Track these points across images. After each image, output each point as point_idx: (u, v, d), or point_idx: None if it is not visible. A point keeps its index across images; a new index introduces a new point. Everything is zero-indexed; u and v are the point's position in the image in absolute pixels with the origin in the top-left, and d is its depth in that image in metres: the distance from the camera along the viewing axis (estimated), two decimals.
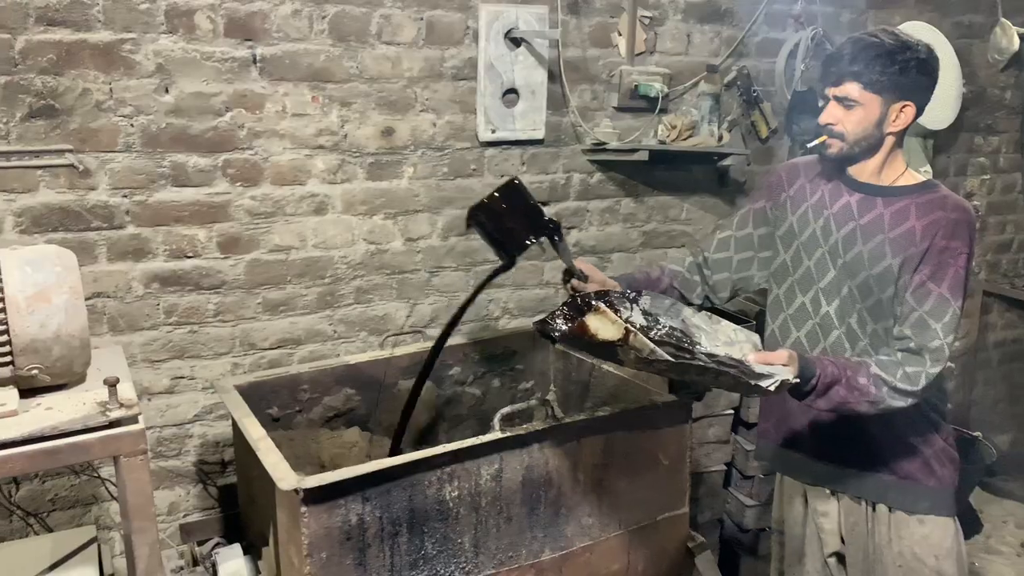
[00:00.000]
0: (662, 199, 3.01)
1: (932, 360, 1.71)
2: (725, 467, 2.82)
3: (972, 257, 1.76)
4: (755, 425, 2.83)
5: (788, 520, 2.14)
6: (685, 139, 2.82)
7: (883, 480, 1.89)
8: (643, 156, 2.72)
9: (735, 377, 1.57)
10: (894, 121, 1.76)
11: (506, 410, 1.94)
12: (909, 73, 1.72)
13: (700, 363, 1.56)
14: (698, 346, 1.68)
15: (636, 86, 2.77)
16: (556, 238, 1.90)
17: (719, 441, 2.77)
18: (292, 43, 2.30)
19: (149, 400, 2.35)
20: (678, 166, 2.98)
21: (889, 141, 1.79)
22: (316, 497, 1.62)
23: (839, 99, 1.76)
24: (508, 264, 1.94)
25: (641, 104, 2.81)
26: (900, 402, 1.71)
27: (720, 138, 2.85)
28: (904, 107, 1.75)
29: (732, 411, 2.78)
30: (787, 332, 1.94)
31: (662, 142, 2.82)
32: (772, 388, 1.56)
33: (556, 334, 1.72)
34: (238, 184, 2.32)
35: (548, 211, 2.76)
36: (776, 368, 1.61)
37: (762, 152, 3.15)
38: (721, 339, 1.70)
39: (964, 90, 3.40)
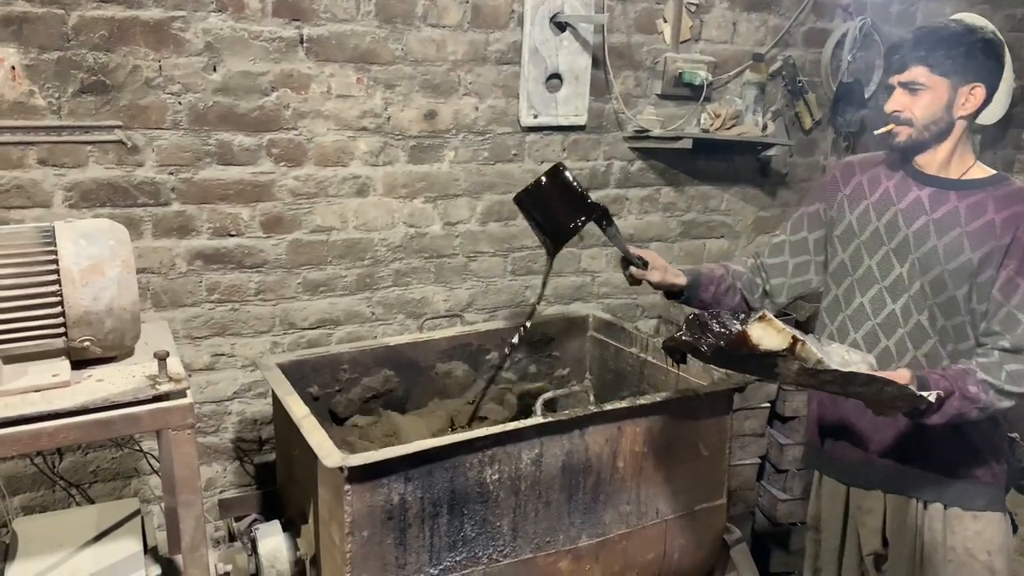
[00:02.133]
0: (703, 189, 2.99)
1: None
2: (760, 460, 2.80)
3: None
4: (791, 419, 2.82)
5: (827, 518, 2.11)
6: (728, 128, 2.79)
7: (943, 480, 1.85)
8: (686, 144, 2.69)
9: (898, 390, 1.52)
10: (964, 104, 1.71)
11: (548, 395, 1.93)
12: (975, 55, 1.69)
13: (865, 376, 1.50)
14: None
15: (680, 73, 2.74)
16: (604, 223, 1.88)
17: (755, 434, 2.75)
18: (339, 24, 2.30)
19: (190, 376, 2.36)
20: (720, 156, 2.94)
21: (959, 127, 1.74)
22: (360, 475, 1.63)
23: (904, 85, 1.73)
24: (553, 251, 1.93)
25: (685, 92, 2.79)
26: (1007, 403, 1.68)
27: (764, 128, 2.82)
28: (973, 89, 1.70)
29: (768, 404, 2.76)
30: (845, 333, 1.89)
31: (705, 131, 2.79)
32: (932, 398, 1.53)
33: (705, 349, 1.56)
34: (282, 164, 2.33)
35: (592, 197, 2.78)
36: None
37: (805, 144, 3.11)
38: (836, 360, 1.56)
39: (1014, 85, 3.33)
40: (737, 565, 2.17)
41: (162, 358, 1.52)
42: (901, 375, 1.59)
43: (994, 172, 1.78)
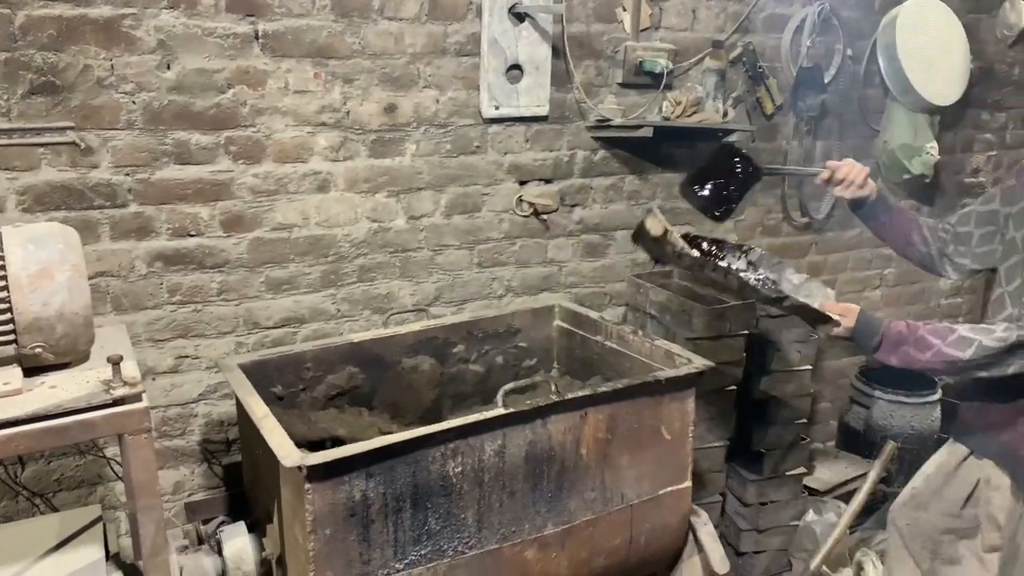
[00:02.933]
0: (666, 176, 3.00)
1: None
2: (727, 442, 2.82)
3: None
4: (762, 402, 2.85)
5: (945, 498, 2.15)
6: (690, 115, 2.80)
7: None
8: (647, 132, 2.70)
9: (766, 295, 1.98)
10: None
11: (510, 386, 1.94)
12: None
13: (724, 269, 2.01)
14: (767, 282, 2.12)
15: (641, 62, 2.75)
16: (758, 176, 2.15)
17: (722, 416, 2.77)
18: (294, 19, 2.28)
19: (154, 380, 2.36)
20: (683, 143, 2.95)
21: None
22: (320, 474, 1.63)
23: None
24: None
25: (646, 80, 2.79)
26: (981, 356, 1.77)
27: (725, 114, 2.83)
28: None
29: (735, 387, 2.78)
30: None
31: (666, 118, 2.80)
32: (822, 331, 1.94)
33: (640, 240, 2.05)
34: (241, 162, 2.31)
35: (552, 188, 2.78)
36: (837, 318, 1.88)
37: (767, 128, 3.13)
38: (803, 293, 2.04)
39: (972, 66, 3.36)
40: (705, 547, 2.19)
41: (115, 362, 1.51)
42: (847, 308, 1.89)
43: None
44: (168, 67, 2.16)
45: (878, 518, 3.06)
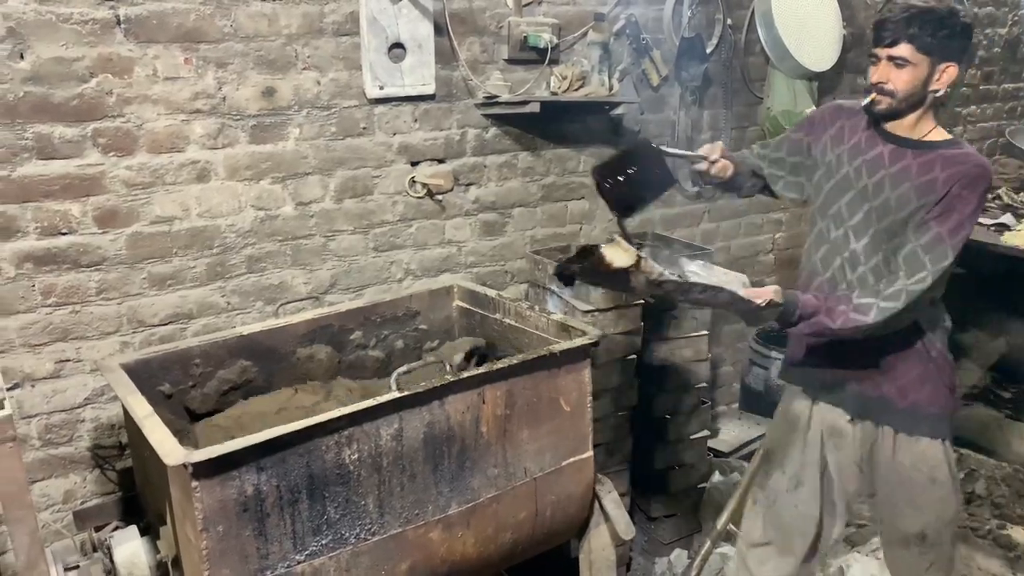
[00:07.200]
0: (559, 151, 3.01)
1: (915, 280, 1.88)
2: (631, 410, 2.88)
3: (979, 212, 1.92)
4: (658, 367, 2.91)
5: (790, 443, 2.28)
6: (576, 90, 2.82)
7: (894, 406, 2.08)
8: (534, 108, 2.70)
9: (731, 296, 1.81)
10: (938, 80, 1.90)
11: (403, 369, 1.92)
12: (956, 37, 1.88)
13: (700, 286, 1.81)
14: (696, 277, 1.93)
15: (525, 37, 2.74)
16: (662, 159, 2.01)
17: (625, 386, 2.82)
18: (159, 2, 2.18)
19: (33, 386, 2.24)
20: (572, 118, 2.97)
21: (929, 99, 1.94)
22: (207, 470, 1.58)
23: (892, 58, 1.89)
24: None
25: (531, 56, 2.79)
26: (882, 318, 1.88)
27: (611, 88, 2.86)
28: (948, 67, 1.89)
29: (635, 356, 2.84)
30: (828, 263, 2.09)
31: (554, 93, 2.81)
32: (762, 304, 1.81)
33: (578, 272, 1.87)
34: (111, 154, 2.20)
35: (445, 168, 2.76)
36: (761, 301, 1.83)
37: (654, 100, 3.18)
38: (714, 280, 1.89)
39: (844, 32, 3.50)
40: (610, 515, 2.23)
41: None
42: (764, 292, 1.85)
43: (951, 137, 1.99)
44: (22, 56, 2.04)
45: None
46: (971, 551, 3.01)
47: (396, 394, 1.82)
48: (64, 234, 2.19)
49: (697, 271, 1.95)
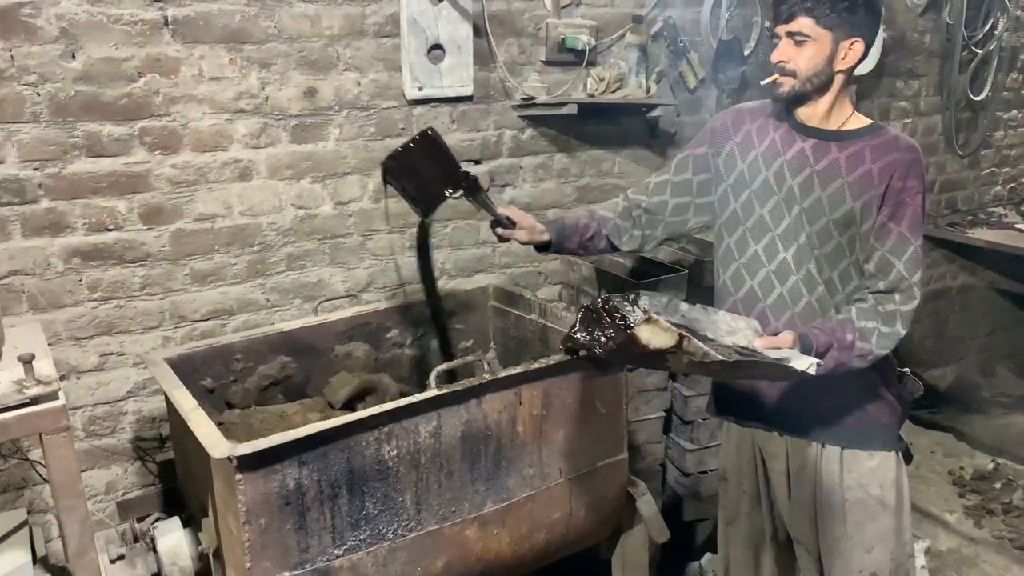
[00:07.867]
0: (594, 153, 3.02)
1: (903, 298, 1.77)
2: (664, 414, 2.87)
3: (926, 194, 1.81)
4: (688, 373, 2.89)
5: (735, 465, 2.15)
6: (613, 92, 2.82)
7: (838, 422, 1.92)
8: (572, 110, 2.71)
9: (780, 370, 1.60)
10: (843, 58, 1.76)
11: (442, 367, 1.94)
12: (858, 10, 1.74)
13: (746, 359, 1.58)
14: (721, 340, 1.68)
15: (563, 39, 2.75)
16: (473, 194, 1.88)
17: (657, 388, 2.82)
18: (205, 3, 2.22)
19: (78, 379, 2.29)
20: (608, 119, 2.98)
21: (839, 80, 1.79)
22: (250, 464, 1.60)
23: (791, 35, 1.76)
24: (422, 219, 1.92)
25: (569, 57, 2.80)
26: (888, 345, 1.77)
27: (648, 90, 2.86)
28: (853, 43, 1.75)
29: None
30: (740, 281, 1.93)
31: (591, 95, 2.82)
32: (812, 371, 1.56)
33: (599, 350, 1.66)
34: (157, 152, 2.25)
35: (481, 168, 2.77)
36: (788, 352, 1.62)
37: (691, 102, 3.17)
38: (723, 329, 1.69)
39: (884, 35, 3.46)
40: (644, 517, 2.23)
41: (27, 361, 1.46)
42: (784, 339, 1.66)
43: (871, 122, 1.84)
44: (73, 56, 2.09)
45: None
46: (1009, 562, 2.97)
47: (435, 391, 1.84)
48: (111, 230, 2.24)
49: (699, 318, 1.72)
